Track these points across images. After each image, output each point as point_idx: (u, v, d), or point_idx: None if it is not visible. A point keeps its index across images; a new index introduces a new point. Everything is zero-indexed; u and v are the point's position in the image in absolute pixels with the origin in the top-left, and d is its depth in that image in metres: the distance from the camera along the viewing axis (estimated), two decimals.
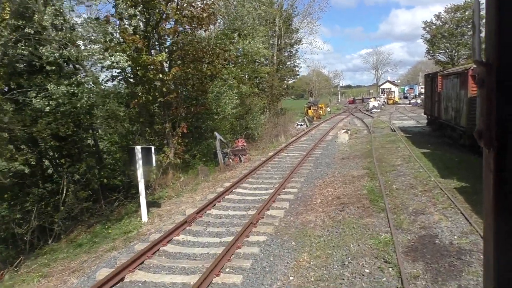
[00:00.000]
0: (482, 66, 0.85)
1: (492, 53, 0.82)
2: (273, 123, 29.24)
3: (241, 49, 19.65)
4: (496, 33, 0.80)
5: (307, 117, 38.33)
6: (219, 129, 20.11)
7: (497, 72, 0.81)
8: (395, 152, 16.90)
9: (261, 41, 21.08)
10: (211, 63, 14.79)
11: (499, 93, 0.81)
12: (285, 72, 33.38)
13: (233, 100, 18.53)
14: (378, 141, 21.19)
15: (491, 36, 0.82)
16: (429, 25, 58.06)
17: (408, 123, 31.04)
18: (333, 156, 17.85)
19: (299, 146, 22.01)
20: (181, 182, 13.89)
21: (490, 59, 0.83)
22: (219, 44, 16.17)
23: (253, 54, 20.32)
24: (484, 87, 0.86)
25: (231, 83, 18.72)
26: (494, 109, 0.82)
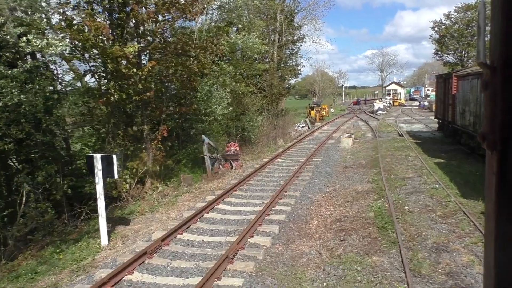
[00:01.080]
0: (486, 68, 0.85)
1: (497, 56, 0.82)
2: (272, 125, 27.38)
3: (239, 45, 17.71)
4: (502, 35, 0.81)
5: (309, 119, 36.43)
6: (209, 132, 18.30)
7: (502, 74, 0.81)
8: (405, 162, 14.99)
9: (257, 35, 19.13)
10: (196, 57, 12.91)
11: (503, 96, 0.81)
12: (286, 71, 31.42)
13: (225, 100, 16.67)
14: (384, 147, 19.28)
15: (496, 38, 0.82)
16: (438, 25, 55.87)
17: (417, 127, 29.08)
18: (335, 164, 15.97)
19: (298, 151, 20.14)
20: (158, 194, 12.07)
21: (495, 61, 0.83)
22: (209, 38, 14.32)
23: (248, 49, 18.43)
24: (488, 90, 0.85)
25: (222, 80, 16.84)
26: (499, 112, 0.82)
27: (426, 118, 36.65)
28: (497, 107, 0.82)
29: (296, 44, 34.39)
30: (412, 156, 16.11)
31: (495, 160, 0.83)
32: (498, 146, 0.82)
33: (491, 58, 0.84)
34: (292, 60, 34.09)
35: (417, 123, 32.50)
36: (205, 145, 15.09)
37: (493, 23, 0.83)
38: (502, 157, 0.82)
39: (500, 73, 0.81)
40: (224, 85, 17.11)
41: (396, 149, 18.24)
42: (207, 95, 15.57)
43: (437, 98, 22.08)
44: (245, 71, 20.33)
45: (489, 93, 0.84)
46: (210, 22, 17.78)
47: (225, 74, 17.05)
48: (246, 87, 21.13)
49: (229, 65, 17.21)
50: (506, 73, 0.80)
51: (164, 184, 13.35)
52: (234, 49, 18.38)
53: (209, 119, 16.15)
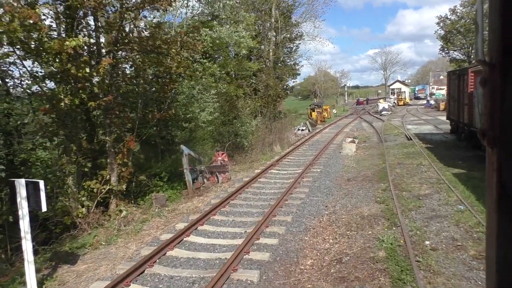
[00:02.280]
0: (485, 65, 0.86)
1: (495, 53, 0.83)
2: (268, 129, 25.27)
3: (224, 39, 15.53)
4: (500, 32, 0.81)
5: (309, 121, 34.30)
6: (194, 140, 16.22)
7: (501, 71, 0.82)
8: (417, 173, 12.83)
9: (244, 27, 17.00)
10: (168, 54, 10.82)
11: (502, 92, 0.82)
12: (284, 71, 29.29)
13: (210, 104, 14.59)
14: (392, 153, 17.11)
15: (494, 35, 0.83)
16: (443, 20, 53.60)
17: (426, 128, 26.86)
18: (336, 176, 13.83)
19: (296, 160, 18.01)
20: (121, 219, 9.98)
21: (493, 58, 0.83)
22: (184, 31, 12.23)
23: (235, 45, 16.29)
24: (487, 87, 0.86)
25: (205, 81, 14.77)
26: (498, 108, 0.82)
27: (434, 118, 34.45)
28: (496, 103, 0.83)
29: (294, 42, 32.24)
30: (425, 165, 13.94)
31: (495, 157, 0.83)
32: (498, 142, 0.83)
33: (490, 55, 0.85)
34: (290, 60, 32.02)
35: (425, 124, 30.28)
36: (184, 156, 13.01)
37: (491, 19, 0.83)
38: (503, 153, 0.82)
39: (499, 70, 0.82)
40: (208, 87, 15.03)
41: (405, 156, 16.07)
42: (187, 99, 13.49)
43: (450, 97, 19.88)
44: (233, 70, 18.18)
45: (488, 90, 0.86)
46: (192, 16, 15.73)
47: (209, 75, 14.97)
48: (236, 89, 19.02)
49: (212, 63, 15.10)
50: (505, 70, 0.81)
51: (133, 205, 11.28)
52: (220, 45, 16.31)
53: (190, 126, 14.06)
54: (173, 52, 10.48)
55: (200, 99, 14.38)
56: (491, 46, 0.84)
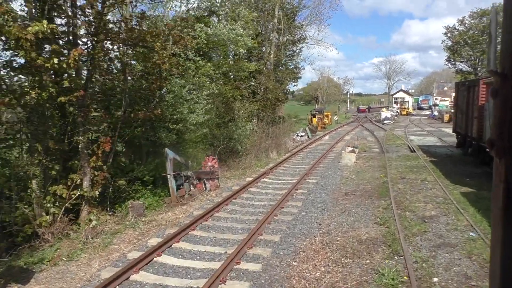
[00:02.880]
0: (497, 76, 0.85)
1: (507, 63, 0.82)
2: (266, 134, 24.22)
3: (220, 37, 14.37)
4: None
5: (309, 127, 33.24)
6: (183, 143, 15.17)
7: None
8: (422, 189, 11.76)
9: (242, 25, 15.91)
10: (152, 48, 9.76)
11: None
12: (285, 74, 28.18)
13: (201, 105, 13.54)
14: (394, 166, 16.04)
15: (507, 46, 0.82)
16: (451, 31, 52.66)
17: (429, 140, 25.78)
18: (333, 189, 12.76)
19: (291, 168, 16.94)
20: (89, 230, 8.90)
21: (506, 69, 0.83)
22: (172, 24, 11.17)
23: (231, 42, 15.20)
24: (498, 97, 0.85)
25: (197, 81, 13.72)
26: (508, 119, 0.82)
27: (438, 130, 33.40)
28: (507, 114, 0.82)
29: (297, 45, 31.18)
30: (430, 181, 12.87)
31: (503, 168, 0.83)
32: (507, 153, 0.82)
33: (502, 66, 0.84)
34: (292, 63, 30.97)
35: (429, 135, 29.20)
36: (168, 161, 11.95)
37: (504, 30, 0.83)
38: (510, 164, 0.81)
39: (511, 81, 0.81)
40: (201, 86, 13.98)
41: (408, 170, 14.99)
42: (176, 99, 12.44)
43: (457, 109, 18.81)
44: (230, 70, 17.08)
45: (499, 100, 0.85)
46: (187, 10, 14.69)
47: (203, 74, 13.92)
48: (233, 90, 17.97)
49: (206, 62, 14.03)
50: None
51: (108, 213, 10.19)
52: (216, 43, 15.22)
53: (177, 127, 12.99)
54: (158, 46, 9.42)
55: (190, 99, 13.34)
56: (503, 57, 0.83)
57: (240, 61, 18.60)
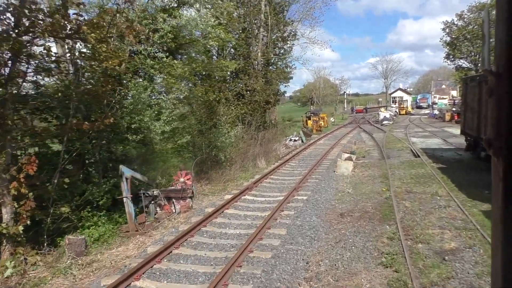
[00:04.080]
0: (491, 75, 0.86)
1: (502, 63, 0.83)
2: (255, 140, 22.10)
3: (187, 28, 12.10)
4: (506, 42, 0.81)
5: (303, 130, 31.12)
6: (152, 155, 13.02)
7: (508, 81, 0.82)
8: (434, 208, 9.63)
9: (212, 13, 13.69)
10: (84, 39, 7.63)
11: (509, 102, 0.81)
12: (274, 74, 26.02)
13: (167, 111, 11.41)
14: (398, 175, 13.92)
15: (501, 45, 0.83)
16: (449, 26, 50.72)
17: (433, 142, 23.67)
18: (326, 208, 10.63)
19: (279, 181, 14.79)
20: (2, 282, 6.73)
21: (500, 68, 0.83)
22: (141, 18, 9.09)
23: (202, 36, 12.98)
24: (493, 97, 0.86)
25: (164, 82, 11.59)
26: (504, 118, 0.82)
27: (441, 130, 31.33)
28: (503, 113, 0.83)
29: (288, 43, 29.05)
30: (442, 196, 10.74)
31: (501, 166, 0.84)
32: (504, 152, 0.82)
33: (496, 65, 0.85)
34: (282, 62, 28.81)
35: (432, 136, 27.10)
36: (124, 181, 9.80)
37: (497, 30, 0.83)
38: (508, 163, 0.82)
39: (506, 80, 0.82)
40: (169, 89, 11.85)
41: (414, 181, 12.87)
42: (134, 105, 10.32)
43: (466, 108, 16.70)
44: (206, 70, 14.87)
45: (495, 99, 0.85)
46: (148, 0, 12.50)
47: (170, 74, 11.78)
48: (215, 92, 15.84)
49: (171, 59, 11.85)
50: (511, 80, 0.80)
51: (39, 253, 8.03)
52: (184, 38, 12.95)
53: (138, 138, 10.84)
54: (92, 37, 7.28)
55: (155, 104, 11.23)
56: (497, 56, 0.84)
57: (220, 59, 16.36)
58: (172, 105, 11.68)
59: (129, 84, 10.44)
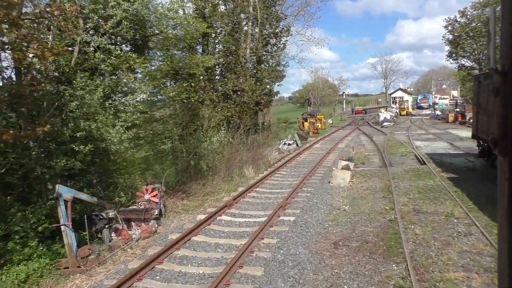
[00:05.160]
0: (497, 74, 0.85)
1: (507, 61, 0.82)
2: (244, 144, 20.11)
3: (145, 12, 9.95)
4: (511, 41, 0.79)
5: (299, 133, 29.14)
6: (114, 169, 11.03)
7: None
8: (452, 237, 7.64)
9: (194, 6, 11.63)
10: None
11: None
12: (264, 73, 23.93)
13: (128, 114, 9.44)
14: (403, 188, 11.94)
15: (507, 43, 0.82)
16: (452, 23, 48.76)
17: (439, 146, 21.68)
18: (317, 233, 8.64)
19: (265, 194, 12.81)
20: None
21: (506, 66, 0.83)
22: None
23: (159, 20, 10.85)
24: (499, 95, 0.85)
25: (121, 81, 9.60)
26: (510, 117, 0.82)
27: (445, 132, 29.36)
28: (509, 112, 0.82)
29: (280, 39, 26.99)
30: (459, 217, 8.76)
31: (507, 166, 0.83)
32: (510, 151, 0.82)
33: (502, 63, 0.84)
34: (275, 60, 26.75)
35: (436, 139, 25.11)
36: (61, 204, 7.81)
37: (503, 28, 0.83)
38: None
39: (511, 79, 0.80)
40: (130, 88, 9.87)
41: (423, 196, 10.88)
42: (80, 109, 8.33)
43: (479, 109, 14.71)
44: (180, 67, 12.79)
45: (501, 98, 0.85)
46: None
47: (128, 70, 9.78)
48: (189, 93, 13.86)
49: (130, 53, 9.80)
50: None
51: None
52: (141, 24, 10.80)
53: (87, 149, 8.84)
54: None
55: (111, 107, 9.27)
56: (503, 55, 0.83)
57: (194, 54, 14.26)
58: (132, 108, 9.72)
59: (75, 82, 8.47)
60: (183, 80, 18.36)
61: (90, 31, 8.99)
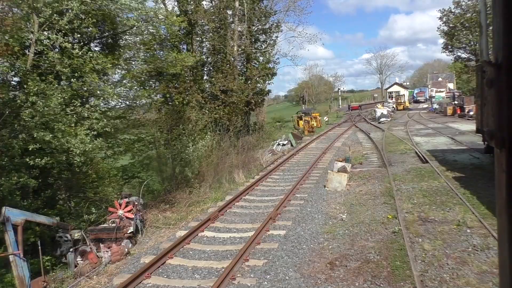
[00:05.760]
0: (490, 66, 0.86)
1: (500, 53, 0.82)
2: (235, 147, 18.98)
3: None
4: (504, 32, 0.80)
5: (293, 133, 28.02)
6: (84, 181, 9.88)
7: (507, 71, 0.81)
8: (468, 253, 6.54)
9: None
10: None
11: (509, 93, 0.81)
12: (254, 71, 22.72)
13: (89, 122, 8.28)
14: (405, 192, 10.85)
15: (499, 35, 0.82)
16: (446, 15, 47.66)
17: (440, 142, 20.61)
18: (310, 251, 7.53)
19: (255, 203, 11.70)
20: None
21: (499, 58, 0.82)
22: None
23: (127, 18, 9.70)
24: (493, 88, 0.86)
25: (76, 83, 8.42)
26: (505, 109, 0.82)
27: (445, 127, 28.33)
28: (503, 104, 0.82)
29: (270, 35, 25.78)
30: (472, 226, 7.66)
31: (504, 158, 0.84)
32: (507, 143, 0.82)
33: (495, 55, 0.84)
34: (265, 57, 25.52)
35: (437, 134, 24.05)
36: (8, 230, 6.66)
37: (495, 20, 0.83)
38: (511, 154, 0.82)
39: (505, 70, 0.81)
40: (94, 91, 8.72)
41: (429, 200, 9.78)
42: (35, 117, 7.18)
43: (483, 102, 13.58)
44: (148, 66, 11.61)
45: (495, 90, 0.85)
46: None
47: (92, 70, 8.61)
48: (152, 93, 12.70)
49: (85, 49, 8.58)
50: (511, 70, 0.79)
51: None
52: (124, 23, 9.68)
53: (43, 163, 7.68)
54: None
55: (73, 114, 8.12)
56: (495, 47, 0.83)
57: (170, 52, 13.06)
58: (98, 114, 8.56)
59: (26, 87, 7.32)
60: (167, 81, 17.23)
61: (45, 28, 7.85)
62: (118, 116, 12.58)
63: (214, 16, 19.71)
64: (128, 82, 11.05)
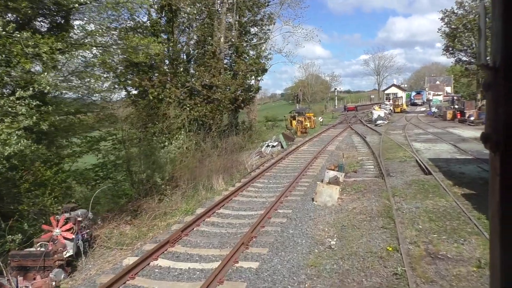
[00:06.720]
0: (488, 70, 0.85)
1: (498, 56, 0.82)
2: (217, 149, 17.18)
3: None
4: (503, 36, 0.81)
5: (284, 134, 26.25)
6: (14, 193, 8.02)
7: (504, 75, 0.81)
8: None
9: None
10: None
11: (506, 97, 0.82)
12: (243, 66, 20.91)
13: (10, 119, 6.46)
14: (408, 213, 9.11)
15: (497, 39, 0.82)
16: (448, 15, 46.11)
17: (442, 149, 18.94)
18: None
19: (228, 220, 9.90)
20: None
21: (497, 62, 0.83)
22: None
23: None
24: (490, 91, 0.86)
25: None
26: (502, 113, 0.82)
27: (446, 132, 26.71)
28: (500, 108, 0.82)
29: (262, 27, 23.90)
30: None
31: (498, 161, 0.84)
32: (502, 147, 0.83)
33: (493, 59, 0.84)
34: (256, 51, 23.67)
35: (438, 140, 22.41)
36: None
37: (494, 23, 0.83)
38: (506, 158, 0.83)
39: (502, 74, 0.81)
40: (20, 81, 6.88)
41: (436, 226, 8.06)
42: None
43: None
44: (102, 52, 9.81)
45: (492, 94, 0.85)
46: None
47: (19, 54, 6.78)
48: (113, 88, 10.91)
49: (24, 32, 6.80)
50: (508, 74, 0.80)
51: None
52: None
53: None
54: None
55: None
56: (494, 50, 0.84)
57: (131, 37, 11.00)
58: (26, 108, 6.73)
59: None
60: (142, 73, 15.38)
61: None
62: (75, 111, 10.76)
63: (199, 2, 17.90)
64: (82, 71, 9.21)
